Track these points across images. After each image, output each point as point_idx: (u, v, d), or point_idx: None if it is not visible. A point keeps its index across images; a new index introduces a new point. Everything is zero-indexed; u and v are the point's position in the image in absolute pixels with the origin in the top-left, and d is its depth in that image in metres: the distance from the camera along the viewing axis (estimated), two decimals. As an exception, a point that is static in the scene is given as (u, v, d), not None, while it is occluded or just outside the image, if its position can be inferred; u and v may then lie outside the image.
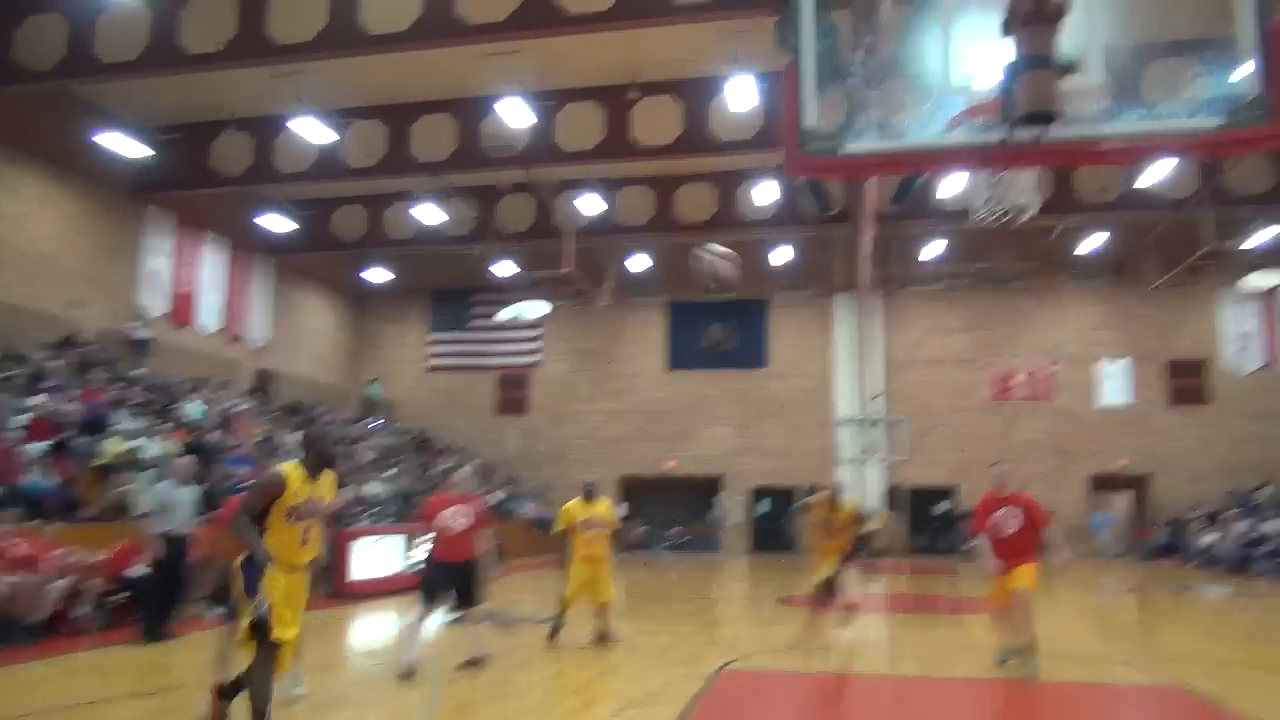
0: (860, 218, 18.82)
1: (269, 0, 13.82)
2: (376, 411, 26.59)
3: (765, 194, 20.45)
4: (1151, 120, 3.05)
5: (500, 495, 23.43)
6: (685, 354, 27.48)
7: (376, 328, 29.26)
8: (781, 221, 21.78)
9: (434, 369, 28.72)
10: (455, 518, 7.75)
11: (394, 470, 21.35)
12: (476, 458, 24.53)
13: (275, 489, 4.86)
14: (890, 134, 3.28)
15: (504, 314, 24.07)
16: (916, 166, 3.51)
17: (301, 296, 26.13)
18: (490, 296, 26.70)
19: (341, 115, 17.42)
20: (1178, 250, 21.37)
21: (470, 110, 17.43)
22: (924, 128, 3.21)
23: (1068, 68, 2.85)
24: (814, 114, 3.12)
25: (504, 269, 24.31)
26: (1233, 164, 18.02)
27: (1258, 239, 20.75)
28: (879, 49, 11.52)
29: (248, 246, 22.71)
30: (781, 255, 24.57)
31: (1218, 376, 24.89)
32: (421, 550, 8.15)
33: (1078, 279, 25.69)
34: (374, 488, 18.95)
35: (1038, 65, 2.82)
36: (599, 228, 21.85)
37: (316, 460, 5.10)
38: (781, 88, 3.29)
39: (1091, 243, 23.58)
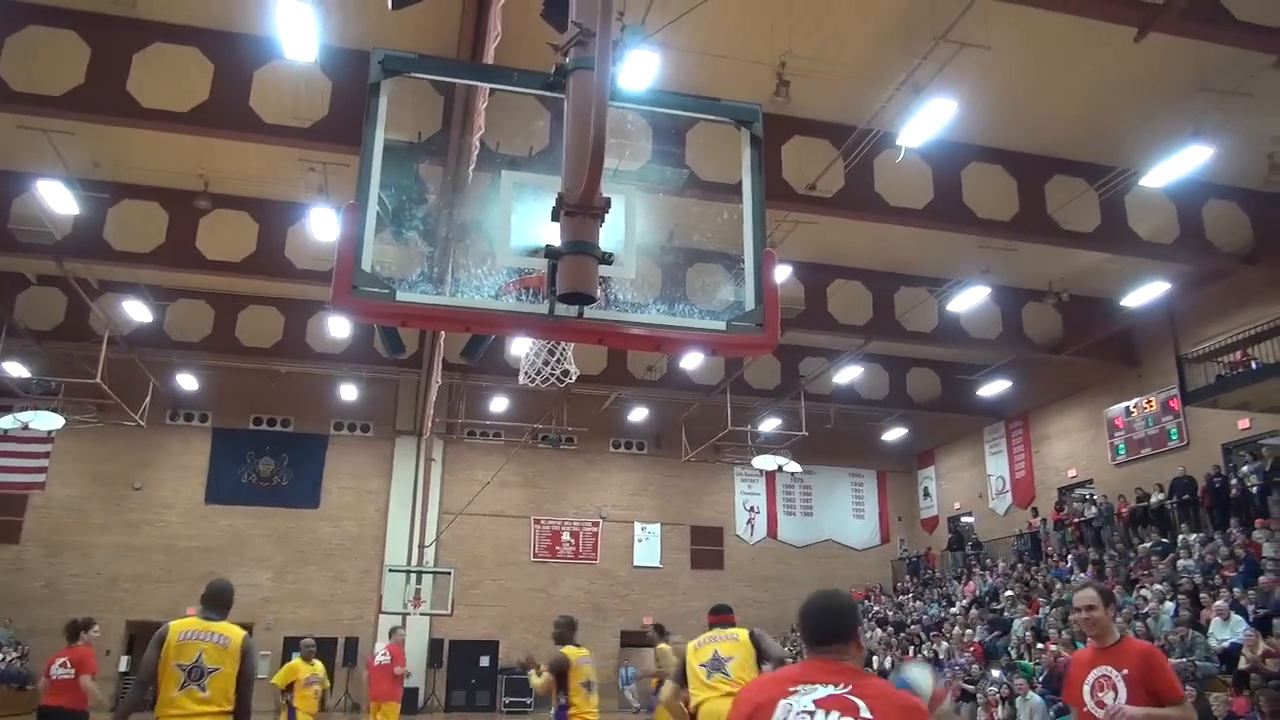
0: (431, 364, 19.00)
1: None
2: None
3: (338, 328, 19.96)
4: (670, 316, 3.45)
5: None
6: (228, 487, 25.01)
7: None
8: (350, 358, 21.33)
9: (-107, 480, 23.16)
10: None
11: None
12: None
13: None
14: (445, 290, 3.36)
15: (5, 422, 20.24)
16: (466, 325, 3.62)
17: None
18: (-11, 400, 22.32)
19: None
20: (705, 429, 24.24)
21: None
22: (478, 290, 3.32)
23: (606, 258, 3.14)
24: (369, 258, 3.10)
25: (14, 370, 20.74)
26: (749, 361, 21.16)
27: (766, 425, 24.31)
28: (458, 209, 12.03)
29: None
30: (348, 392, 23.96)
31: (729, 544, 28.16)
32: None
33: (623, 446, 28.00)
34: None
35: (580, 251, 3.08)
36: (143, 338, 19.71)
37: None
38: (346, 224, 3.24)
39: (637, 414, 26.10)
